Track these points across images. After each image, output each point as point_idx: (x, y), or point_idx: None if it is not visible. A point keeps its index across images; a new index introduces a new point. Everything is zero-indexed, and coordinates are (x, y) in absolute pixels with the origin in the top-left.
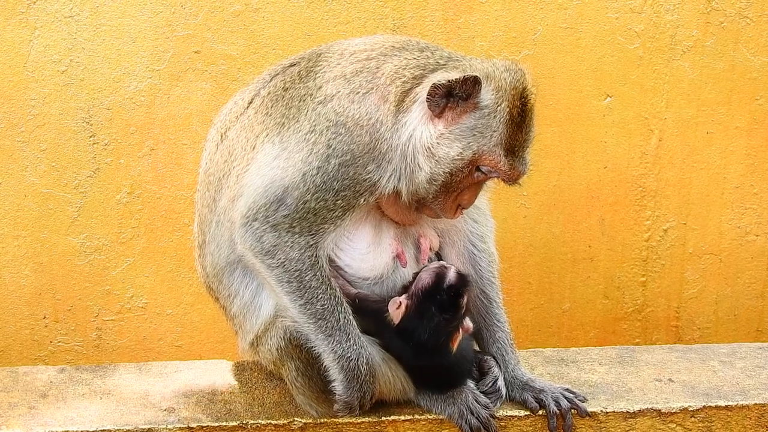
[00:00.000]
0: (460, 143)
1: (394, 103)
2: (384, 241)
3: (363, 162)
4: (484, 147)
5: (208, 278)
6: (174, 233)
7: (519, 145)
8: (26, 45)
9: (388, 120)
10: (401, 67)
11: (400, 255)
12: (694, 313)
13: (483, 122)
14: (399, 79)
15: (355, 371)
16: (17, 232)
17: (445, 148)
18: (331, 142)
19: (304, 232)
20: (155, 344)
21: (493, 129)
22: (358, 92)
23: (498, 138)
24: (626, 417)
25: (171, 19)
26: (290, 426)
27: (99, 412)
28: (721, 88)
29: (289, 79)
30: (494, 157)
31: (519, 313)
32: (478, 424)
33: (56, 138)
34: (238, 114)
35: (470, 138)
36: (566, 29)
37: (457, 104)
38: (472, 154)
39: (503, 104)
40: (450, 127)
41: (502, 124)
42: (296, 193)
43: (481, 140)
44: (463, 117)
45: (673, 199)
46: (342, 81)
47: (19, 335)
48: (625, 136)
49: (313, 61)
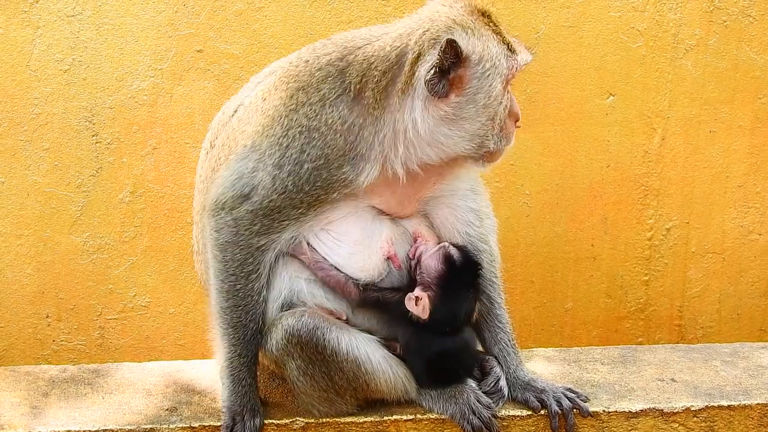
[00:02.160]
0: (489, 84)
1: (373, 103)
2: (374, 242)
3: (338, 164)
4: (504, 69)
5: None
6: (177, 232)
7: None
8: (29, 44)
9: (366, 122)
10: (366, 67)
11: (393, 257)
12: (697, 313)
13: (486, 60)
14: (372, 77)
15: (242, 383)
16: (20, 231)
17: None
18: (305, 147)
19: (261, 232)
20: (158, 343)
21: (496, 53)
22: (329, 98)
23: (503, 52)
24: (628, 417)
25: (173, 18)
26: (292, 426)
27: (101, 411)
28: (724, 87)
29: (266, 88)
30: (512, 64)
31: (521, 312)
32: (480, 424)
33: (59, 137)
34: (224, 123)
35: (490, 74)
36: (569, 28)
37: (455, 72)
38: (502, 80)
39: (482, 31)
40: (464, 89)
41: (495, 43)
42: (263, 192)
43: (498, 68)
44: (467, 75)
45: (675, 198)
46: (311, 89)
47: (21, 334)
48: (628, 134)
49: (287, 67)
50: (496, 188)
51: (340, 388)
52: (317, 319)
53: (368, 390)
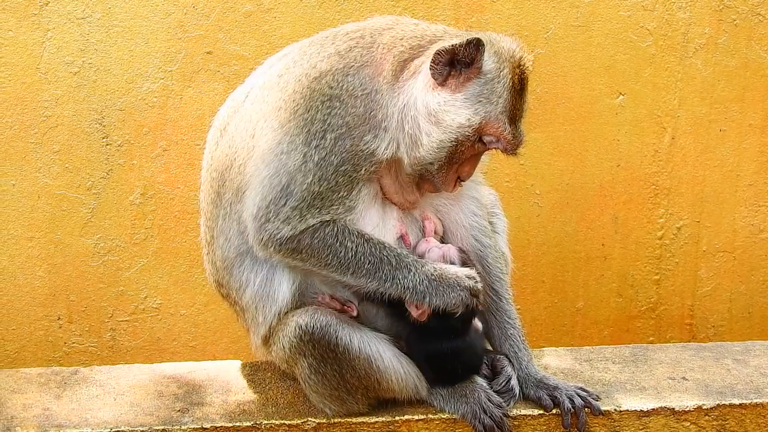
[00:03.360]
0: (467, 110)
1: (391, 73)
2: (388, 222)
3: (359, 133)
4: (491, 113)
5: (218, 273)
6: (187, 234)
7: (519, 114)
8: (39, 47)
9: (383, 89)
10: (398, 38)
11: (404, 236)
12: (708, 311)
13: (488, 88)
14: (396, 49)
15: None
16: (31, 234)
17: (452, 116)
18: (326, 118)
19: (315, 215)
20: (169, 345)
21: (498, 95)
22: (353, 65)
23: (503, 105)
24: (640, 416)
25: (183, 20)
26: (304, 426)
27: (113, 412)
28: (734, 86)
29: (283, 66)
30: (500, 125)
31: (532, 312)
32: (492, 423)
33: (69, 139)
34: (236, 109)
35: (477, 105)
36: (578, 27)
37: (460, 72)
38: (480, 120)
39: (506, 70)
40: (455, 94)
41: (506, 91)
42: (299, 178)
43: (488, 106)
44: (467, 84)
45: (686, 197)
46: (336, 57)
47: (33, 336)
48: (638, 134)
49: (305, 46)
50: (507, 188)
51: (352, 387)
52: (329, 317)
53: (379, 389)
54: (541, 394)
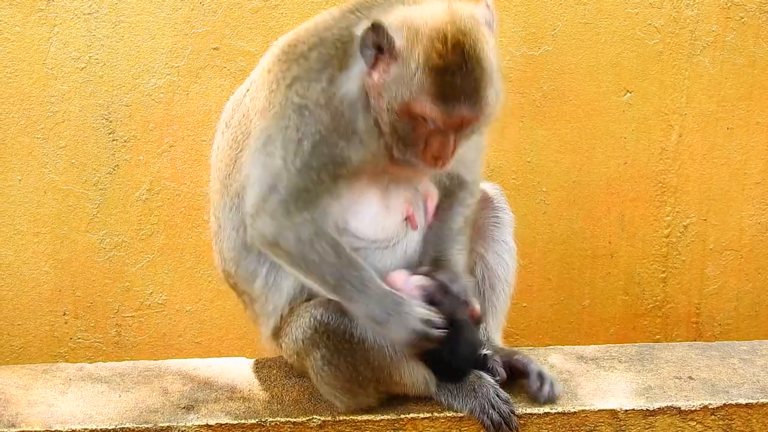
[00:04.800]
0: (387, 94)
1: (338, 69)
2: (393, 202)
3: (333, 140)
4: (406, 96)
5: (226, 263)
6: (193, 230)
7: (450, 91)
8: (45, 42)
9: (339, 90)
10: (342, 28)
11: (411, 217)
12: (715, 310)
13: (402, 71)
14: (340, 43)
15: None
16: (37, 229)
17: (379, 101)
18: (299, 126)
19: (300, 211)
20: (175, 341)
21: (411, 77)
22: (314, 68)
23: (421, 85)
24: (646, 415)
25: (190, 16)
26: (309, 424)
27: (118, 409)
28: (741, 84)
29: (273, 60)
30: (421, 105)
31: (539, 310)
32: (500, 418)
33: (75, 135)
34: (239, 101)
35: (394, 88)
36: (585, 25)
37: (384, 55)
38: (399, 104)
39: (418, 49)
40: (381, 79)
41: (421, 71)
42: (284, 175)
43: (403, 89)
44: (390, 67)
45: (693, 195)
46: (302, 60)
47: (39, 332)
48: (645, 131)
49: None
50: (513, 185)
51: (364, 379)
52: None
53: (391, 382)
54: None
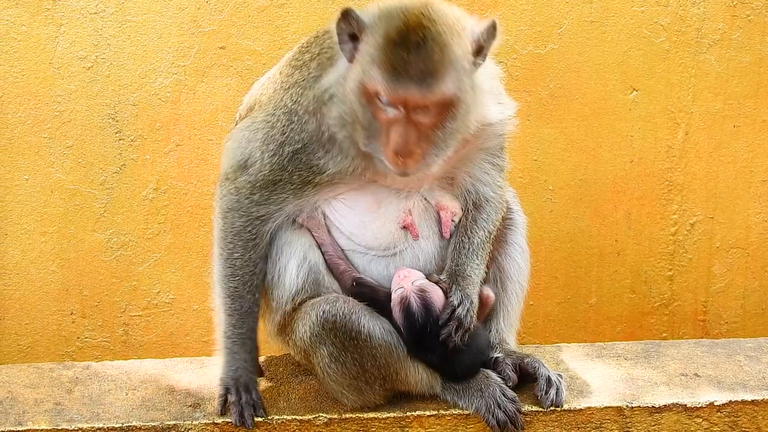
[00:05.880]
0: (353, 77)
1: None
2: (387, 209)
3: (313, 149)
4: (364, 72)
5: None
6: (200, 229)
7: (401, 65)
8: (52, 41)
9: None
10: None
11: (409, 226)
12: (721, 308)
13: (365, 48)
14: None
15: (235, 356)
16: (44, 229)
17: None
18: (285, 130)
19: (260, 202)
20: (182, 340)
21: (371, 53)
22: (312, 76)
23: (373, 59)
24: (652, 412)
25: (196, 15)
26: (315, 422)
27: (125, 408)
28: (748, 82)
29: (284, 63)
30: (372, 80)
31: (545, 308)
32: (505, 417)
33: (82, 134)
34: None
35: (358, 68)
36: (592, 23)
37: (358, 43)
38: (357, 83)
39: (382, 24)
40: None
41: (379, 45)
42: (257, 165)
43: (363, 66)
44: (360, 48)
45: (700, 193)
46: (304, 69)
47: (46, 331)
48: (652, 130)
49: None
50: (520, 184)
51: (371, 377)
52: (352, 305)
53: (397, 379)
54: None
